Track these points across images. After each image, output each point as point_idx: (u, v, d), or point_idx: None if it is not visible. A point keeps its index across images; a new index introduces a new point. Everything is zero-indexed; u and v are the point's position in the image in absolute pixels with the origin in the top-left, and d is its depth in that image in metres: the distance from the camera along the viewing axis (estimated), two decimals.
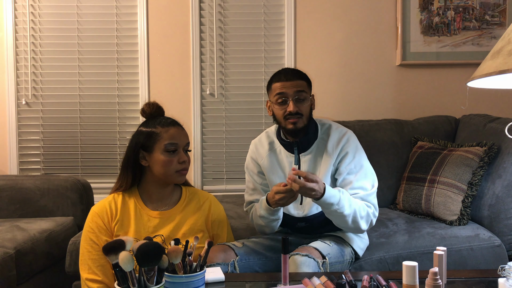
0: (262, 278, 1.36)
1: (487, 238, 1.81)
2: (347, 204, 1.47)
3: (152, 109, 1.53)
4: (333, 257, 1.53)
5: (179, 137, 1.46)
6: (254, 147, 1.76)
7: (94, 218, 1.46)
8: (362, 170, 1.60)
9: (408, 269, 1.02)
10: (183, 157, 1.46)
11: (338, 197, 1.45)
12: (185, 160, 1.46)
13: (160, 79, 2.70)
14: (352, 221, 1.50)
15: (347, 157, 1.61)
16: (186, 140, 1.49)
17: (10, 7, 2.65)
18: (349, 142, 1.63)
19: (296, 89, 1.58)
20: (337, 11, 2.69)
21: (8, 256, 1.72)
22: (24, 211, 2.22)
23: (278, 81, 1.61)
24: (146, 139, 1.46)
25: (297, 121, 1.59)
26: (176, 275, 1.05)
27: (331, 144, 1.63)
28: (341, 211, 1.46)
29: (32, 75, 2.69)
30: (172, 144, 1.44)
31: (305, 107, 1.60)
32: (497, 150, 1.96)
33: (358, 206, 1.51)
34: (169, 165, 1.44)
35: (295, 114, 1.58)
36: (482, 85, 1.38)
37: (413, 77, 2.71)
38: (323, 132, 1.67)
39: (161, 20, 2.69)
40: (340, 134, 1.65)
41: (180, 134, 1.48)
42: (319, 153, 1.65)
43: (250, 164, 1.76)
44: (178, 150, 1.46)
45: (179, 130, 1.49)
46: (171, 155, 1.44)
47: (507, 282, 1.05)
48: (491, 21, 2.65)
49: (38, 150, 2.71)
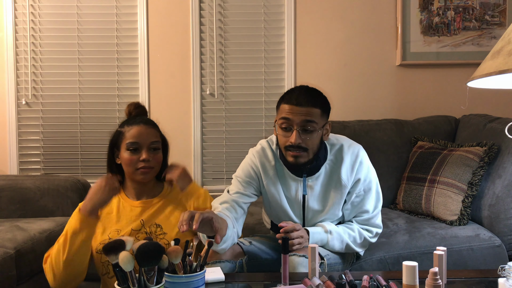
0: (262, 278, 1.36)
1: (487, 238, 1.81)
2: (337, 243, 1.52)
3: (130, 108, 1.55)
4: (332, 258, 1.53)
5: (140, 136, 1.45)
6: (258, 161, 1.55)
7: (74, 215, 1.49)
8: (369, 192, 1.56)
9: (408, 269, 1.02)
10: (143, 155, 1.44)
11: (326, 240, 1.50)
12: (145, 158, 1.43)
13: (160, 79, 2.70)
14: (347, 250, 1.56)
15: (359, 182, 1.53)
16: (150, 138, 1.46)
17: (10, 7, 2.64)
18: (362, 165, 1.53)
19: (304, 118, 1.39)
20: (337, 11, 2.69)
21: (8, 256, 1.72)
22: (24, 211, 2.21)
23: (287, 103, 1.42)
24: (116, 138, 1.50)
25: (299, 156, 1.42)
26: (176, 275, 1.05)
27: (345, 171, 1.51)
28: (333, 248, 1.53)
29: (32, 75, 2.69)
30: (132, 143, 1.44)
31: (311, 141, 1.41)
32: (497, 150, 1.96)
33: (352, 236, 1.54)
34: (130, 163, 1.45)
35: (297, 147, 1.41)
36: (482, 85, 1.38)
37: (413, 77, 2.71)
38: (333, 153, 1.53)
39: (161, 20, 2.69)
40: (353, 158, 1.52)
41: (143, 133, 1.45)
42: (329, 179, 1.53)
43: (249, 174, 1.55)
44: (140, 149, 1.45)
45: (143, 129, 1.46)
46: (133, 153, 1.44)
47: (507, 282, 1.05)
48: (491, 21, 2.65)
49: (38, 150, 2.71)
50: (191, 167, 2.70)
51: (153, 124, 1.52)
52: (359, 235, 1.55)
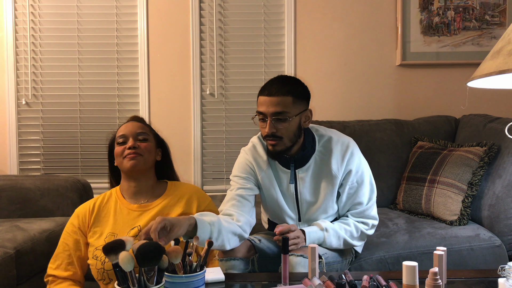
0: (262, 278, 1.36)
1: (487, 238, 1.81)
2: (334, 239, 1.52)
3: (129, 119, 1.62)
4: (330, 256, 1.53)
5: (126, 129, 1.50)
6: (251, 157, 1.58)
7: (72, 219, 1.52)
8: (363, 184, 1.57)
9: (408, 269, 1.02)
10: (129, 143, 1.47)
11: (322, 238, 1.51)
12: (131, 145, 1.46)
13: (160, 79, 2.70)
14: (345, 245, 1.56)
15: (351, 174, 1.54)
16: (136, 130, 1.50)
17: (10, 7, 2.65)
18: (353, 156, 1.54)
19: (274, 109, 1.43)
20: (337, 11, 2.69)
21: (8, 256, 1.72)
22: (24, 211, 2.21)
23: (261, 95, 1.49)
24: (111, 142, 1.56)
25: (275, 143, 1.46)
26: (176, 275, 1.05)
27: (335, 161, 1.52)
28: (330, 245, 1.53)
29: (32, 75, 2.69)
30: (120, 136, 1.50)
31: (285, 129, 1.44)
32: (497, 150, 1.96)
33: (349, 231, 1.54)
34: (120, 154, 1.48)
35: (272, 136, 1.45)
36: (482, 85, 1.38)
37: (413, 77, 2.71)
38: (321, 145, 1.55)
39: (161, 20, 2.69)
40: (343, 148, 1.54)
41: (129, 126, 1.51)
42: (319, 170, 1.54)
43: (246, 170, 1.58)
44: (127, 140, 1.49)
45: (130, 124, 1.52)
46: (121, 145, 1.49)
47: (507, 282, 1.05)
48: (491, 21, 2.65)
49: (38, 150, 2.71)
50: (191, 167, 2.70)
51: (141, 120, 1.58)
52: (355, 229, 1.55)
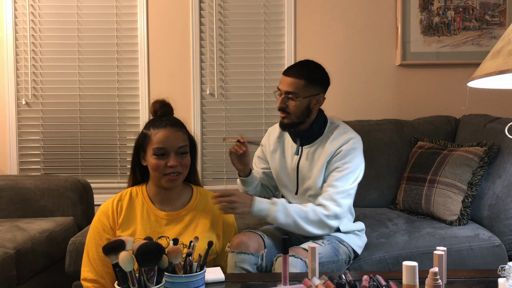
0: (262, 278, 1.36)
1: (487, 238, 1.81)
2: (282, 215, 1.51)
3: (155, 107, 1.49)
4: (324, 256, 1.53)
5: (167, 141, 1.39)
6: (267, 133, 1.85)
7: (101, 217, 1.44)
8: (346, 171, 1.58)
9: (408, 269, 1.02)
10: (171, 161, 1.39)
11: (267, 211, 1.51)
12: (173, 164, 1.38)
13: (160, 79, 2.70)
14: (297, 227, 1.54)
15: (339, 155, 1.61)
16: (178, 143, 1.40)
17: (10, 7, 2.65)
18: (348, 143, 1.62)
19: (287, 88, 1.62)
20: (337, 11, 2.69)
21: (8, 256, 1.72)
22: (24, 211, 2.22)
23: (283, 73, 1.66)
24: (141, 140, 1.44)
25: (284, 116, 1.65)
26: (176, 275, 1.05)
27: (331, 141, 1.65)
28: (277, 221, 1.53)
29: (32, 75, 2.69)
30: (159, 149, 1.39)
31: (293, 107, 1.61)
32: (497, 150, 1.96)
33: (304, 212, 1.52)
34: (157, 168, 1.39)
35: (281, 109, 1.64)
36: (482, 85, 1.38)
37: (413, 77, 2.71)
38: (329, 130, 1.69)
39: (161, 20, 2.69)
40: (343, 134, 1.65)
41: (170, 137, 1.39)
42: (320, 150, 1.66)
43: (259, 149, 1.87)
44: (167, 154, 1.40)
45: (170, 133, 1.40)
46: (160, 158, 1.39)
47: (507, 282, 1.05)
48: (491, 21, 2.65)
49: (38, 150, 2.71)
50: None
51: (181, 126, 1.46)
52: (312, 212, 1.52)
